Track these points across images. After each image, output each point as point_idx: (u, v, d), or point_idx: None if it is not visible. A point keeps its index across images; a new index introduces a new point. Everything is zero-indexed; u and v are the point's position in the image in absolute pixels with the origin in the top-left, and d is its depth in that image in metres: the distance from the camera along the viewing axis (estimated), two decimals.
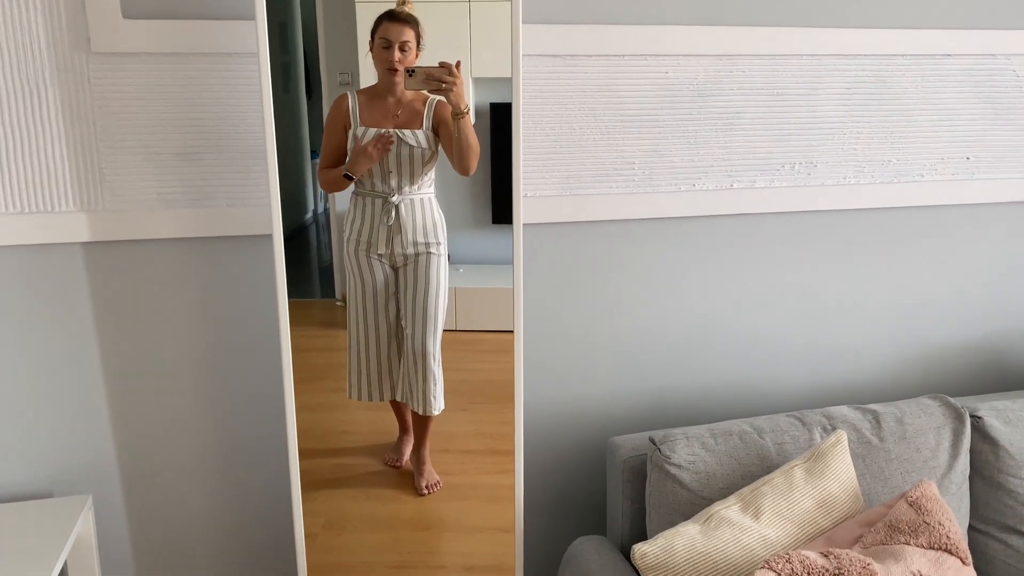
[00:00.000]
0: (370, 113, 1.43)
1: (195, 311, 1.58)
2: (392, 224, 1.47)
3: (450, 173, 1.46)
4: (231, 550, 1.72)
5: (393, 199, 1.45)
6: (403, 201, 1.46)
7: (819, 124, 1.77)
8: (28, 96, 1.42)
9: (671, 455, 1.48)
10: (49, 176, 1.46)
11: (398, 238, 1.48)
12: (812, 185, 1.80)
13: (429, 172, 1.46)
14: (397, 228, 1.47)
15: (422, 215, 1.48)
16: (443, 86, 1.39)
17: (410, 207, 1.47)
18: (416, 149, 1.44)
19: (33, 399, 1.55)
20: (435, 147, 1.44)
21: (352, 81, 1.41)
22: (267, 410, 1.66)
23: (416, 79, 1.38)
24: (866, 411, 1.61)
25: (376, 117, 1.43)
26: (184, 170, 1.51)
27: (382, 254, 1.49)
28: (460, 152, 1.43)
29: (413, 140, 1.43)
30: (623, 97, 1.66)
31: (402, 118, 1.43)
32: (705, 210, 1.74)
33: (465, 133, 1.42)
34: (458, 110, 1.40)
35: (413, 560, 1.59)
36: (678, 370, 1.84)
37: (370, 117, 1.43)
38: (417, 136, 1.43)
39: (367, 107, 1.42)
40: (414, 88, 1.40)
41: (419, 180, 1.46)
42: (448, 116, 1.41)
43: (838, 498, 1.40)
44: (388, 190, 1.45)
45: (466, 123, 1.41)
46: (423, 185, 1.46)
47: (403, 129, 1.43)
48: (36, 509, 1.50)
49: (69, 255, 1.51)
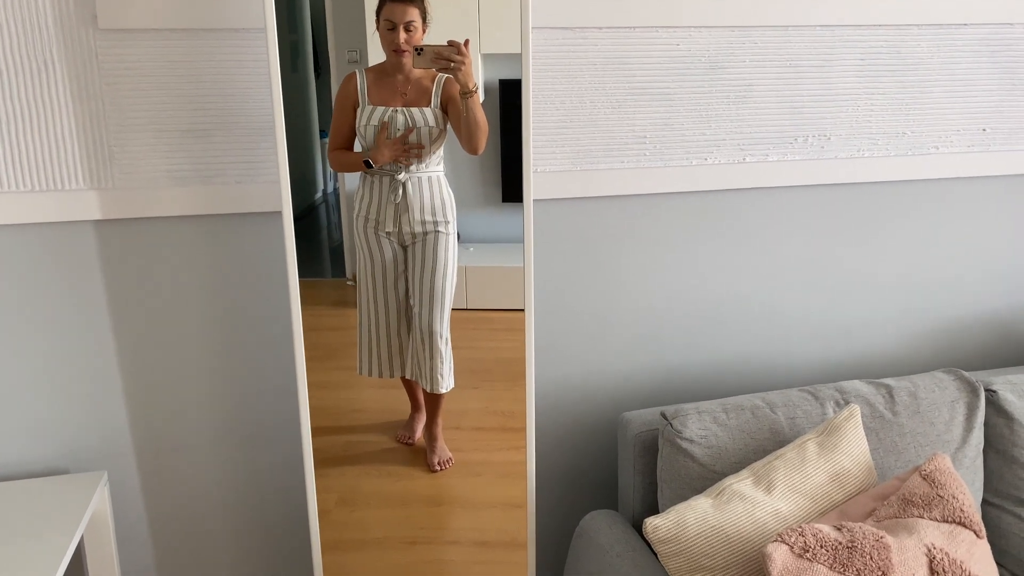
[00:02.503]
0: (378, 92, 1.42)
1: (206, 288, 1.59)
2: (400, 202, 1.46)
3: (459, 151, 1.45)
4: (245, 525, 1.74)
5: (400, 177, 1.45)
6: (411, 179, 1.45)
7: (832, 96, 1.75)
8: (36, 73, 1.42)
9: (683, 430, 1.48)
10: (58, 154, 1.46)
11: (406, 216, 1.47)
12: (825, 158, 1.78)
13: (438, 150, 1.45)
14: (405, 206, 1.47)
15: (430, 193, 1.47)
16: (451, 65, 1.37)
17: (418, 185, 1.46)
18: (424, 128, 1.43)
19: (48, 376, 1.56)
20: (443, 125, 1.43)
21: (361, 59, 1.40)
22: (279, 387, 1.67)
23: (424, 58, 1.37)
24: (879, 385, 1.61)
25: (384, 96, 1.42)
26: (193, 147, 1.50)
27: (390, 232, 1.48)
28: (468, 131, 1.41)
29: (421, 118, 1.43)
30: (634, 70, 1.64)
31: (410, 96, 1.42)
32: (717, 184, 1.73)
33: (473, 112, 1.40)
34: (466, 89, 1.39)
35: (426, 536, 1.60)
36: (689, 346, 1.83)
37: (378, 96, 1.42)
38: (425, 114, 1.42)
39: (375, 86, 1.42)
40: (422, 67, 1.39)
41: (427, 158, 1.45)
42: (456, 94, 1.40)
43: (851, 472, 1.39)
44: (396, 168, 1.45)
45: (474, 102, 1.40)
46: (431, 163, 1.46)
47: (411, 108, 1.42)
48: (52, 485, 1.51)
49: (80, 233, 1.51)
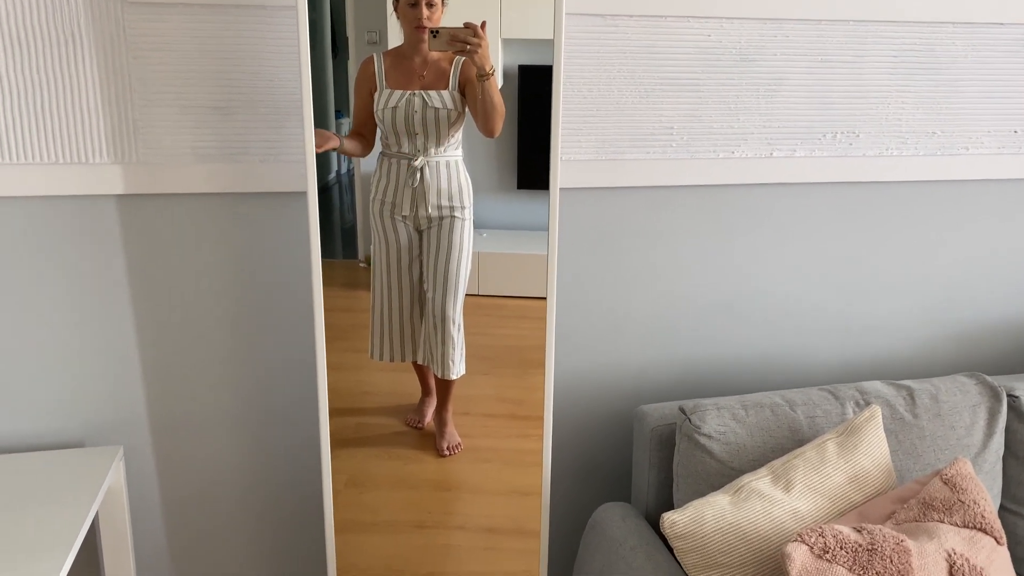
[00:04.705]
0: (396, 75, 1.41)
1: (226, 266, 1.58)
2: (416, 187, 1.45)
3: (475, 137, 1.43)
4: (259, 504, 1.74)
5: (416, 162, 1.44)
6: (427, 163, 1.44)
7: (863, 93, 1.72)
8: (62, 45, 1.41)
9: (701, 425, 1.47)
10: (83, 127, 1.45)
11: (422, 201, 1.46)
12: (853, 156, 1.75)
13: (455, 134, 1.44)
14: (421, 191, 1.46)
15: (447, 178, 1.46)
16: (467, 47, 1.36)
17: (435, 170, 1.45)
18: (442, 111, 1.41)
19: (66, 349, 1.56)
20: (461, 108, 1.42)
21: (380, 40, 1.39)
22: (296, 367, 1.66)
23: (440, 40, 1.36)
24: (900, 387, 1.59)
25: (402, 79, 1.41)
26: (218, 124, 1.50)
27: (406, 216, 1.48)
28: (485, 113, 1.40)
29: (439, 101, 1.41)
30: (664, 60, 1.62)
31: (428, 78, 1.41)
32: (743, 178, 1.71)
33: (490, 94, 1.39)
34: (483, 71, 1.37)
35: (434, 520, 1.61)
36: (709, 341, 1.82)
37: (396, 79, 1.41)
38: (443, 97, 1.41)
39: (393, 69, 1.41)
40: (438, 49, 1.37)
41: (445, 142, 1.44)
42: (474, 76, 1.39)
43: (870, 473, 1.38)
44: (413, 152, 1.44)
45: (491, 84, 1.39)
46: (449, 147, 1.44)
47: (429, 90, 1.41)
48: (68, 458, 1.52)
49: (103, 207, 1.50)
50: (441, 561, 1.62)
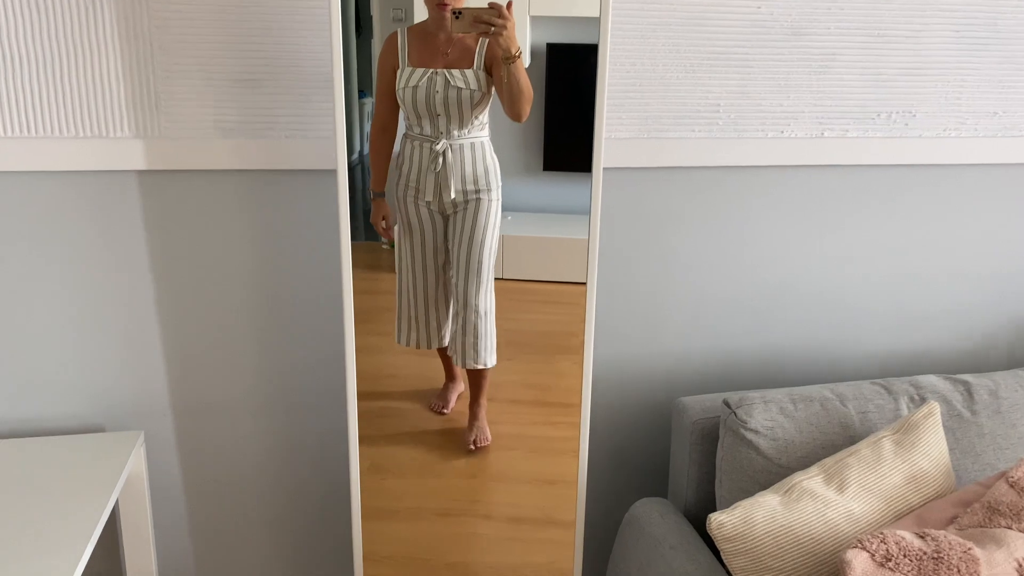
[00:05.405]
0: (419, 52, 1.35)
1: (250, 246, 1.54)
2: (439, 171, 1.40)
3: (499, 117, 1.38)
4: (282, 492, 1.71)
5: (438, 146, 1.38)
6: (450, 147, 1.39)
7: (921, 70, 1.64)
8: (82, 12, 1.35)
9: (748, 420, 1.40)
10: (104, 99, 1.40)
11: (445, 185, 1.41)
12: (909, 136, 1.67)
13: (480, 115, 1.38)
14: (444, 175, 1.40)
15: (472, 161, 1.40)
16: (492, 29, 1.29)
17: (459, 152, 1.39)
18: (465, 91, 1.35)
19: (86, 331, 1.53)
20: (486, 88, 1.36)
21: (406, 17, 1.34)
22: (322, 352, 1.62)
23: (463, 22, 1.29)
24: (957, 382, 1.52)
25: (425, 56, 1.35)
26: (243, 98, 1.44)
27: (430, 201, 1.42)
28: (511, 97, 1.34)
29: (462, 81, 1.35)
30: (711, 32, 1.54)
31: (452, 57, 1.35)
32: (792, 159, 1.64)
33: (516, 77, 1.33)
34: (508, 54, 1.31)
35: (459, 508, 1.58)
36: (752, 330, 1.76)
37: (419, 56, 1.35)
38: (467, 76, 1.35)
39: (416, 46, 1.35)
40: (461, 31, 1.31)
41: (469, 123, 1.38)
42: (500, 57, 1.33)
43: (929, 474, 1.31)
44: (435, 134, 1.38)
45: (518, 67, 1.32)
46: (474, 128, 1.39)
47: (452, 69, 1.35)
48: (89, 443, 1.49)
49: (124, 183, 1.46)
50: (465, 550, 1.60)
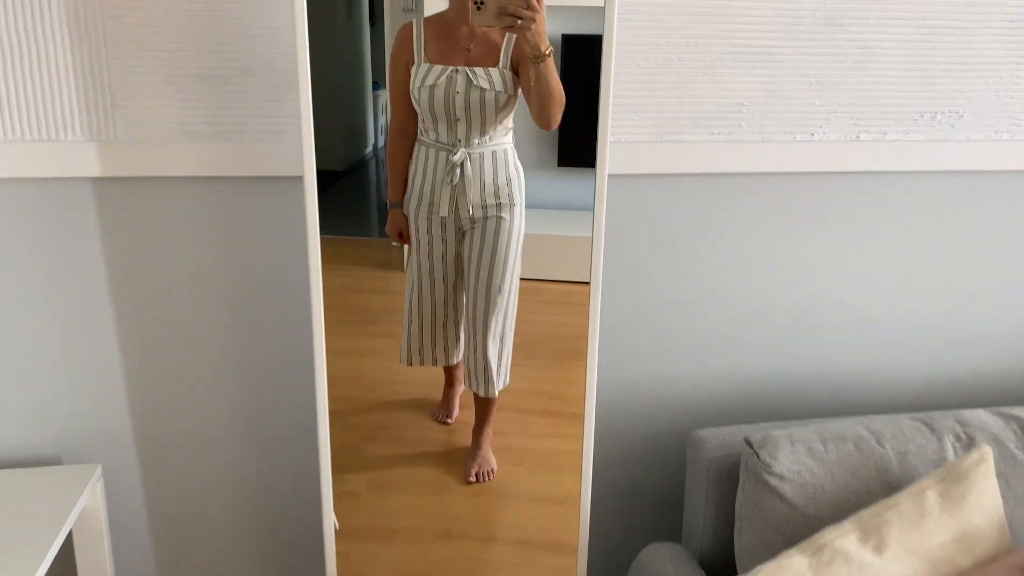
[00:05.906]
0: (438, 47, 1.24)
1: (220, 260, 1.45)
2: (456, 184, 1.30)
3: (515, 111, 1.29)
4: (253, 528, 1.63)
5: (456, 156, 1.28)
6: (468, 157, 1.28)
7: (970, 66, 1.51)
8: (27, 0, 1.25)
9: (772, 463, 1.26)
10: (52, 98, 1.31)
11: (463, 199, 1.31)
12: (955, 140, 1.55)
13: (505, 120, 1.27)
14: (462, 188, 1.30)
15: (493, 171, 1.30)
16: (519, 22, 1.16)
17: (479, 162, 1.29)
18: (489, 92, 1.25)
19: (40, 355, 1.45)
20: (513, 90, 1.25)
21: (416, 8, 1.27)
22: (297, 371, 1.54)
23: (486, 14, 1.16)
24: (1010, 418, 1.37)
25: (444, 51, 1.25)
26: (210, 97, 1.34)
27: (445, 218, 1.32)
28: (540, 101, 1.22)
29: (486, 81, 1.24)
30: (734, 24, 1.43)
31: (475, 53, 1.24)
32: (824, 165, 1.52)
33: (546, 79, 1.21)
34: (538, 52, 1.19)
35: (461, 529, 1.53)
36: (777, 354, 1.64)
37: (437, 52, 1.25)
38: (491, 76, 1.24)
39: (434, 39, 1.25)
40: (483, 24, 1.18)
41: (491, 130, 1.27)
42: (528, 55, 1.21)
43: (982, 532, 1.16)
44: (452, 142, 1.27)
45: (548, 67, 1.20)
46: (496, 135, 1.28)
47: (475, 67, 1.24)
48: (41, 476, 1.42)
49: (77, 192, 1.37)
50: None
